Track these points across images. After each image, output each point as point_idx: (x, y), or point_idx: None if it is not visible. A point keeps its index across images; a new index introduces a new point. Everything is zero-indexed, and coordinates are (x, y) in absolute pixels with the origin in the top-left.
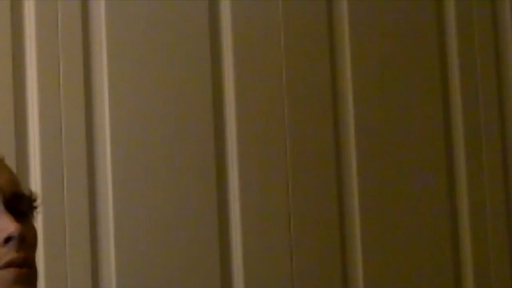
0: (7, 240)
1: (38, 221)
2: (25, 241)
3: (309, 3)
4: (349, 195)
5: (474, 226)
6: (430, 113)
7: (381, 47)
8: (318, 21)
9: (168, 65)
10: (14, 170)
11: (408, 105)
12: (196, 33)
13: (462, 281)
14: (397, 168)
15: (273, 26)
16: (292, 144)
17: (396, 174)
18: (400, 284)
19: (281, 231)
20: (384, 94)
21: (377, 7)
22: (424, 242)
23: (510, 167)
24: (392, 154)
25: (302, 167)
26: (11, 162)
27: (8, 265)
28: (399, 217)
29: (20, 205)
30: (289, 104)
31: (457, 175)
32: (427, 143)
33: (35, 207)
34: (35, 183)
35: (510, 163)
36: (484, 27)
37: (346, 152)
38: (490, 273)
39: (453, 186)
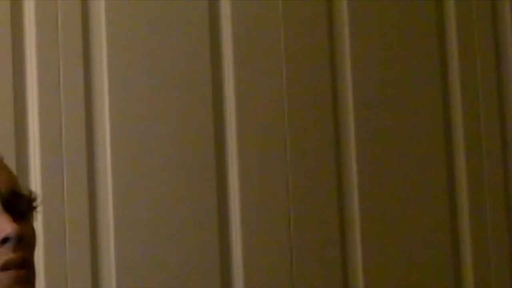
0: (4, 240)
1: (38, 221)
2: (23, 241)
3: (309, 3)
4: (349, 195)
5: (474, 226)
6: (430, 113)
7: (381, 47)
8: (318, 21)
9: (168, 65)
10: (14, 170)
11: (408, 105)
12: (196, 33)
13: (462, 281)
14: (397, 168)
15: (273, 26)
16: (292, 144)
17: (396, 174)
18: (400, 284)
19: (281, 231)
20: (384, 94)
21: (377, 7)
22: (424, 242)
23: (510, 167)
24: (392, 154)
25: (302, 167)
26: (11, 162)
27: (6, 266)
28: (399, 217)
29: (19, 205)
30: (289, 104)
31: (457, 175)
32: (427, 144)
33: (35, 207)
34: (35, 183)
35: (510, 163)
36: (484, 27)
37: (346, 151)
38: (490, 273)
39: (453, 186)
